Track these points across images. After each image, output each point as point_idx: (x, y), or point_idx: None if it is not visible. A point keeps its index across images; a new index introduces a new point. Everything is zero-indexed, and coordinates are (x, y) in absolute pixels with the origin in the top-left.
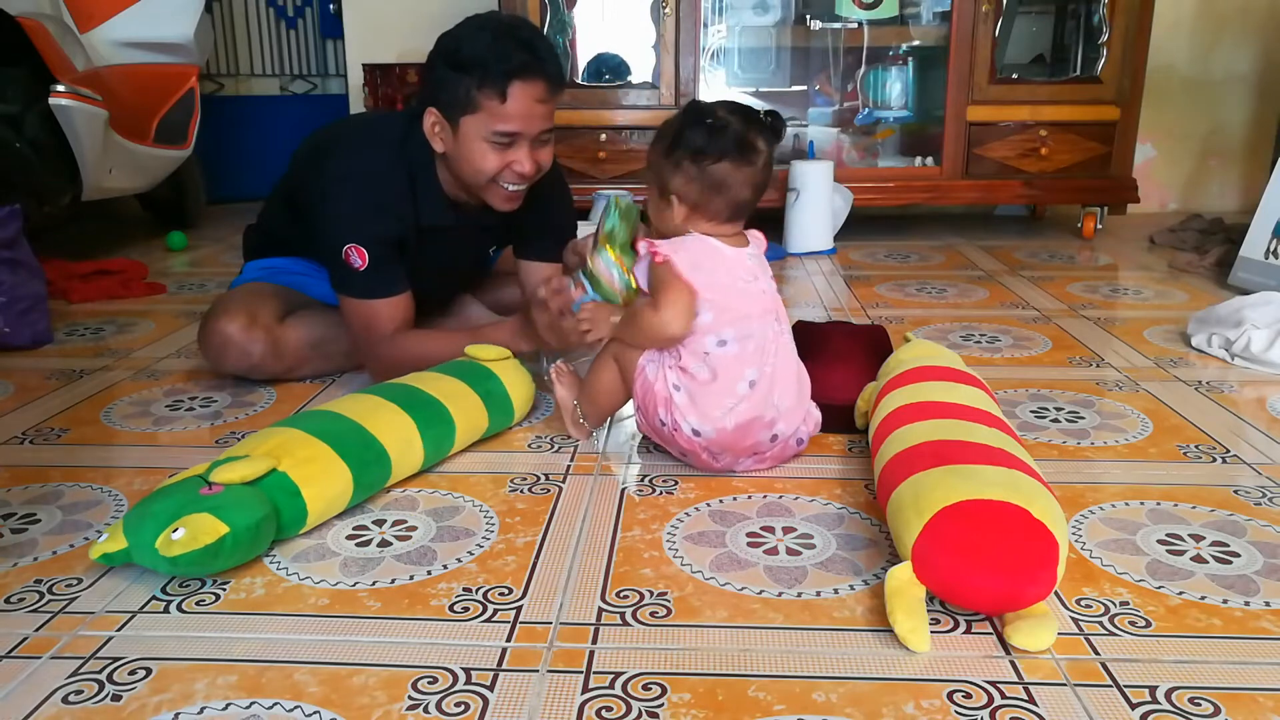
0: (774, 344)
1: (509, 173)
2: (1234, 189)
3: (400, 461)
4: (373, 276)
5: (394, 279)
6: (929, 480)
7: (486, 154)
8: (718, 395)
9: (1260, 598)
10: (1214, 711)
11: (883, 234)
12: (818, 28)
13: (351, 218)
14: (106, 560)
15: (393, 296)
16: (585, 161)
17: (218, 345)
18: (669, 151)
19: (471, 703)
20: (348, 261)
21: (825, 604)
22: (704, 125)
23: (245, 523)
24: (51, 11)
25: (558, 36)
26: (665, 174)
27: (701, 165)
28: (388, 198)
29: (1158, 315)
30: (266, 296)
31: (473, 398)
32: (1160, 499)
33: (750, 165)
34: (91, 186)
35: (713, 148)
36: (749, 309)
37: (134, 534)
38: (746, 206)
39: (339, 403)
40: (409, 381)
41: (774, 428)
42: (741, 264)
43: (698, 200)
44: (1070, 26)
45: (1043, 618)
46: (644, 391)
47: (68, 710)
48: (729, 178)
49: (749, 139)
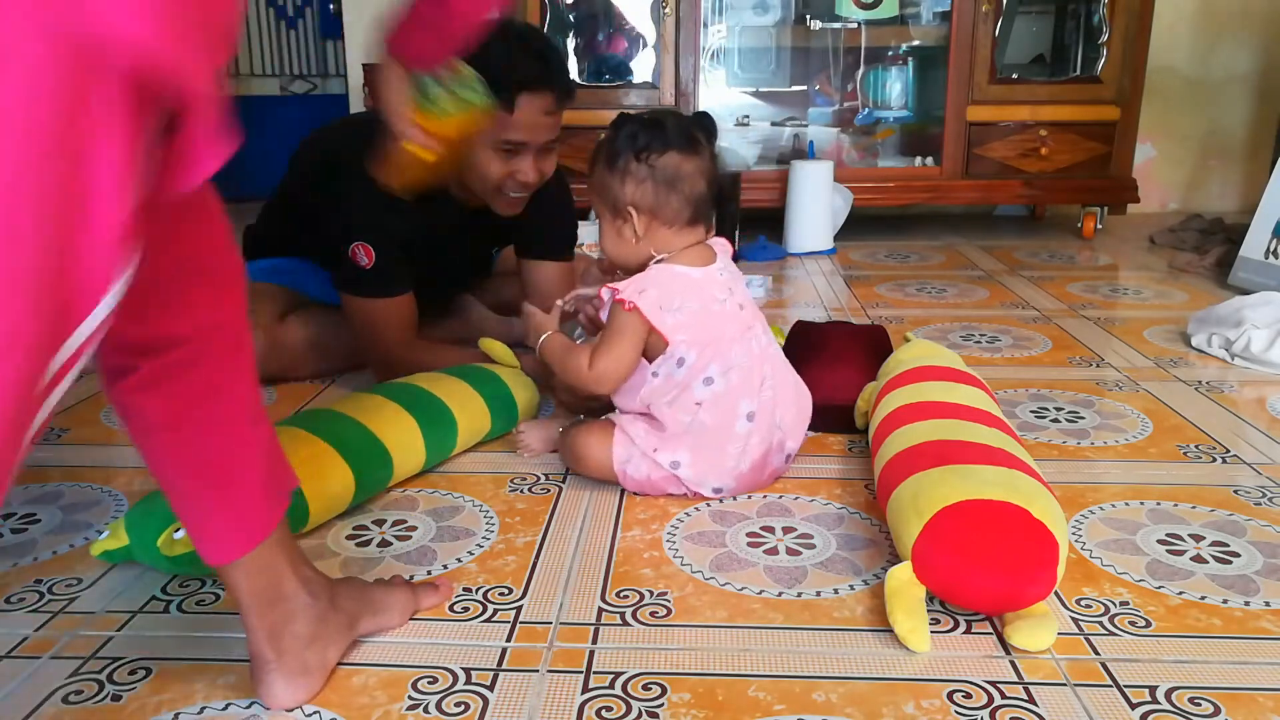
0: (760, 365)
1: (512, 181)
2: (1234, 189)
3: (402, 462)
4: (378, 275)
5: (398, 278)
6: (929, 480)
7: (491, 160)
8: (721, 442)
9: (1260, 598)
10: (1214, 711)
11: (883, 234)
12: (818, 28)
13: (361, 216)
14: (107, 557)
15: (396, 296)
16: (585, 161)
17: None
18: (611, 163)
19: (471, 703)
20: (354, 259)
21: (825, 604)
22: (640, 123)
23: None
24: None
25: (557, 36)
26: (613, 189)
27: (649, 161)
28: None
29: (1158, 315)
30: (265, 296)
31: (477, 400)
32: (1160, 499)
33: (697, 155)
34: None
35: (657, 141)
36: (724, 330)
37: (136, 532)
38: (705, 203)
39: (341, 402)
40: (412, 381)
41: (785, 448)
42: (713, 282)
43: (654, 203)
44: (1070, 26)
45: (1043, 618)
46: (640, 487)
47: (68, 710)
48: (680, 168)
49: (689, 130)
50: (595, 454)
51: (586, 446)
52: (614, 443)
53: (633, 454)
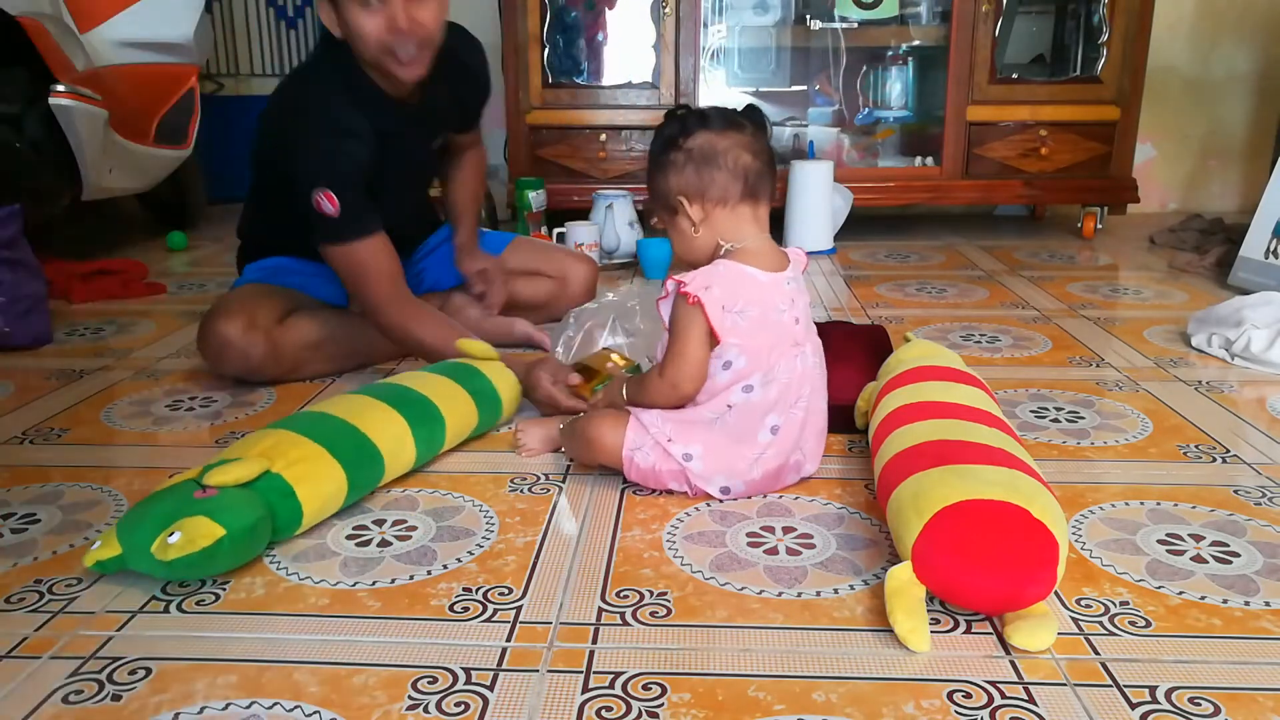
0: (801, 384)
1: (392, 35)
2: (1234, 189)
3: (393, 460)
4: (347, 218)
5: (367, 216)
6: (929, 480)
7: (363, 19)
8: (739, 446)
9: (1260, 597)
10: (1214, 711)
11: (883, 234)
12: (818, 28)
13: (313, 160)
14: (100, 567)
15: (370, 236)
16: (585, 161)
17: (216, 347)
18: (653, 163)
19: (471, 703)
20: (320, 210)
21: (825, 604)
22: (671, 116)
23: (241, 525)
24: (51, 11)
25: (557, 36)
26: (660, 187)
27: (682, 146)
28: (339, 111)
29: (1158, 315)
30: (266, 298)
31: (462, 395)
32: (1160, 499)
33: (735, 131)
34: (91, 186)
35: (687, 127)
36: (776, 343)
37: (128, 539)
38: (757, 177)
39: (329, 403)
40: (398, 381)
41: (801, 470)
42: (778, 291)
43: (698, 184)
44: (1070, 26)
45: (1043, 618)
46: (643, 477)
47: (67, 710)
48: (715, 144)
49: (726, 113)
50: (607, 439)
51: (599, 431)
52: (627, 428)
53: (644, 442)
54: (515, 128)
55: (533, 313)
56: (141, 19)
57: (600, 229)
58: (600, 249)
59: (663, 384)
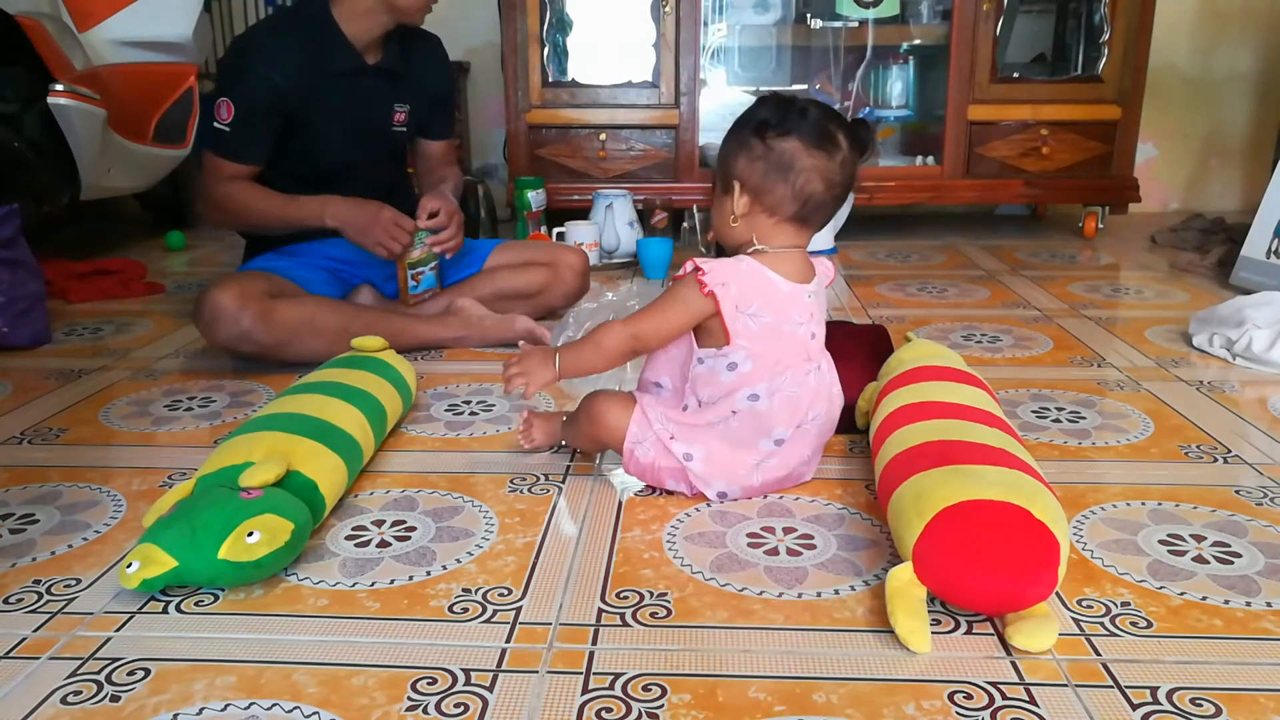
0: (811, 401)
1: None
2: (1235, 188)
3: (366, 451)
4: (231, 134)
5: (249, 146)
6: (930, 480)
7: None
8: (741, 453)
9: (1261, 598)
10: (1215, 712)
11: (883, 234)
12: (818, 26)
13: (233, 72)
14: (147, 586)
15: (241, 163)
16: (585, 161)
17: (209, 315)
18: (735, 132)
19: (471, 703)
20: (215, 114)
21: (826, 604)
22: (779, 101)
23: (303, 517)
24: (50, 10)
25: (557, 35)
26: (728, 159)
27: (767, 140)
28: (277, 43)
29: (1159, 315)
30: (262, 278)
31: (385, 384)
32: (1161, 499)
33: (824, 154)
34: (90, 186)
35: (783, 124)
36: (786, 356)
37: (185, 552)
38: (817, 207)
39: (280, 403)
40: (329, 378)
41: (802, 479)
42: (797, 304)
43: (760, 184)
44: (1071, 26)
45: (1044, 618)
46: (642, 472)
47: (66, 711)
48: (797, 159)
49: (827, 128)
50: (614, 420)
51: (607, 409)
52: (632, 419)
53: (647, 436)
54: (515, 127)
55: (528, 301)
56: (140, 18)
57: (600, 229)
58: (600, 249)
59: (622, 330)
